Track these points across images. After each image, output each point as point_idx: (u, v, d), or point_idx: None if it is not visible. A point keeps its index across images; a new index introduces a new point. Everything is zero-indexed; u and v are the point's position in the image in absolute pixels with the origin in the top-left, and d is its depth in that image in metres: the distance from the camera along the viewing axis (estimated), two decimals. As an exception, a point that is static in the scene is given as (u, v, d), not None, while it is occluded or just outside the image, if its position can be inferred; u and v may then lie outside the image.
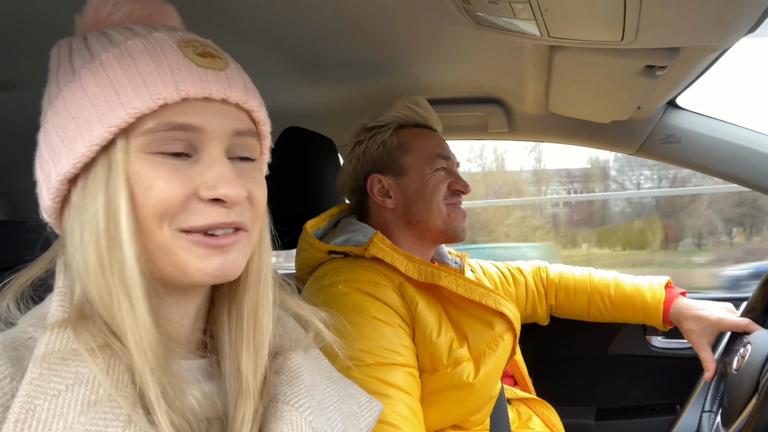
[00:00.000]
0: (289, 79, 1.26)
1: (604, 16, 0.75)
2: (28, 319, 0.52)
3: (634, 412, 1.64)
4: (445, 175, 1.15)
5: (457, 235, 1.14)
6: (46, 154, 0.53)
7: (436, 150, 1.16)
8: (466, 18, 0.90)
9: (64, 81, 0.53)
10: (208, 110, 0.52)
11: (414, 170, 1.14)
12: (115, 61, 0.51)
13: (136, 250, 0.50)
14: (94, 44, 0.53)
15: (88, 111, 0.50)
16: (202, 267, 0.52)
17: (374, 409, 0.69)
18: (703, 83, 1.17)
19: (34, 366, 0.45)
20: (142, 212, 0.50)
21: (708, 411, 1.12)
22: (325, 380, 0.66)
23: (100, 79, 0.50)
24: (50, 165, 0.52)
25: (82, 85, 0.51)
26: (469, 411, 1.03)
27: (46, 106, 0.54)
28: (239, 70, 0.57)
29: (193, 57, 0.52)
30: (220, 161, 0.53)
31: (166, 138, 0.51)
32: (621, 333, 1.65)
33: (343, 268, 1.03)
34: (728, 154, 1.34)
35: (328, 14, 0.94)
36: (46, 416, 0.43)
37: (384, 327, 0.96)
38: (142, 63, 0.50)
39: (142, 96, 0.49)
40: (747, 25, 0.75)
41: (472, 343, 1.01)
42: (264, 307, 0.60)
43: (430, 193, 1.12)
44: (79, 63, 0.52)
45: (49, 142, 0.52)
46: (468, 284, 1.03)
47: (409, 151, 1.16)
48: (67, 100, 0.51)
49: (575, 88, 1.20)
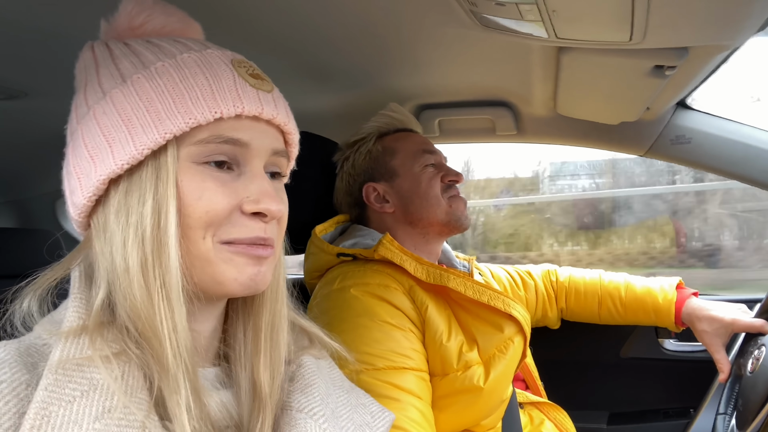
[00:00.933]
0: (297, 83, 1.26)
1: (612, 16, 0.75)
2: (43, 325, 0.52)
3: (648, 416, 1.62)
4: (434, 169, 1.17)
5: (461, 224, 1.15)
6: (85, 152, 0.53)
7: (420, 147, 1.18)
8: (473, 20, 0.89)
9: (110, 83, 0.54)
10: (255, 128, 0.56)
11: (404, 170, 1.16)
12: (172, 72, 0.53)
13: (179, 255, 0.51)
14: (142, 51, 0.55)
15: (143, 116, 0.52)
16: (238, 277, 0.55)
17: (386, 419, 0.69)
18: (714, 83, 1.16)
19: (49, 372, 0.46)
20: (188, 221, 0.52)
21: (723, 414, 1.11)
22: (338, 389, 0.66)
23: (157, 86, 0.52)
24: (90, 163, 0.53)
25: (136, 90, 0.52)
26: (480, 415, 1.02)
27: (83, 104, 0.55)
28: (280, 93, 0.61)
29: (246, 77, 0.56)
30: (262, 177, 0.57)
31: (216, 150, 0.54)
32: (633, 336, 1.64)
33: (353, 272, 1.03)
34: (739, 155, 1.33)
35: (336, 19, 0.94)
36: (61, 423, 0.44)
37: (394, 331, 0.95)
38: (200, 76, 0.53)
39: (201, 108, 0.52)
40: (757, 24, 0.74)
41: (481, 346, 1.01)
42: (280, 321, 0.62)
43: (425, 189, 1.14)
44: (129, 68, 0.54)
45: (91, 139, 0.53)
46: (476, 286, 1.02)
47: (395, 154, 1.18)
48: (116, 102, 0.52)
49: (583, 90, 1.19)
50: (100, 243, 0.53)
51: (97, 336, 0.49)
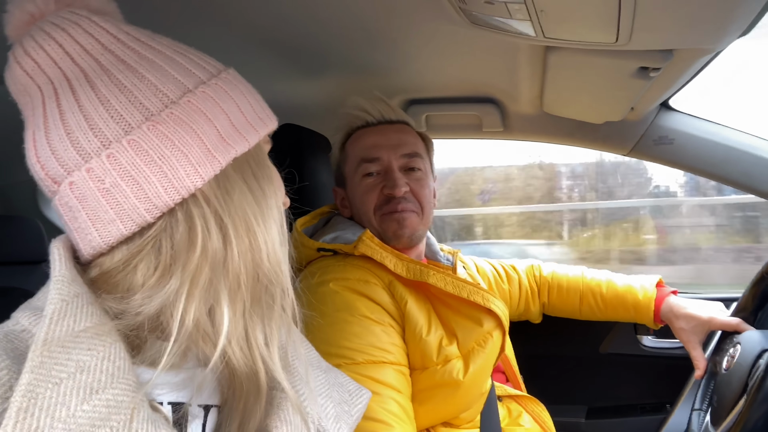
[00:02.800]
0: (285, 75, 1.26)
1: (599, 17, 0.76)
2: (22, 311, 0.51)
3: (625, 410, 1.65)
4: (376, 180, 1.10)
5: (397, 242, 1.10)
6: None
7: (362, 154, 1.11)
8: (462, 17, 0.90)
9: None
10: None
11: (349, 180, 1.15)
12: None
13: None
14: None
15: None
16: None
17: (364, 396, 0.70)
18: (696, 85, 1.18)
19: (34, 354, 0.45)
20: None
21: (698, 409, 1.13)
22: (316, 369, 0.67)
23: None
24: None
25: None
26: (460, 408, 1.03)
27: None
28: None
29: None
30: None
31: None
32: (612, 332, 1.66)
33: (333, 266, 1.03)
34: (720, 156, 1.35)
35: (324, 11, 0.94)
36: (48, 404, 0.43)
37: (374, 325, 0.96)
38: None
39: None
40: (740, 28, 0.76)
41: (461, 340, 1.02)
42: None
43: (360, 205, 1.12)
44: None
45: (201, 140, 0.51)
46: (456, 282, 1.03)
47: (345, 161, 1.16)
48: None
49: (570, 89, 1.21)
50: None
51: (81, 316, 0.49)
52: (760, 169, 1.32)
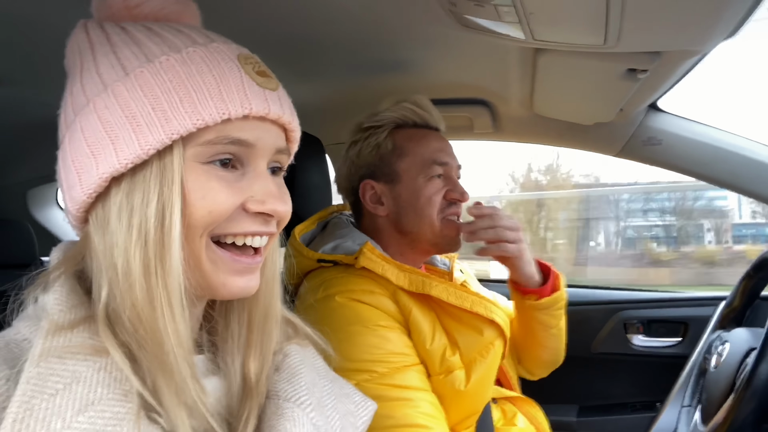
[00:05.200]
0: (278, 77, 1.26)
1: (588, 20, 0.76)
2: (23, 321, 0.51)
3: (616, 409, 1.67)
4: (441, 183, 1.10)
5: (449, 248, 1.12)
6: (86, 146, 0.51)
7: (433, 155, 1.09)
8: (452, 19, 0.90)
9: (110, 74, 0.51)
10: (261, 128, 0.54)
11: (407, 178, 1.09)
12: (177, 68, 0.51)
13: (182, 256, 0.50)
14: (143, 40, 0.52)
15: (148, 114, 0.49)
16: (227, 283, 0.54)
17: (369, 408, 0.70)
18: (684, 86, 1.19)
19: (31, 365, 0.45)
20: (190, 221, 0.51)
21: (687, 407, 1.14)
22: (323, 379, 0.67)
23: (162, 83, 0.50)
24: (91, 159, 0.50)
25: (140, 85, 0.50)
26: (462, 416, 1.03)
27: (81, 94, 0.52)
28: (284, 90, 0.59)
29: (253, 75, 0.54)
30: (266, 176, 0.56)
31: (222, 150, 0.52)
32: (603, 331, 1.68)
33: (336, 279, 1.01)
34: (708, 157, 1.36)
35: (315, 13, 0.95)
36: (44, 415, 0.43)
37: (388, 332, 0.96)
38: (207, 74, 0.51)
39: (209, 108, 0.50)
40: (726, 31, 0.77)
41: (463, 350, 1.01)
42: (273, 316, 0.62)
43: (423, 206, 1.08)
44: (131, 59, 0.51)
45: (92, 134, 0.50)
46: (459, 292, 1.02)
47: (404, 157, 1.10)
48: (119, 97, 0.50)
49: (559, 90, 1.22)
50: (100, 241, 0.51)
51: (79, 329, 0.49)
52: (747, 169, 1.34)
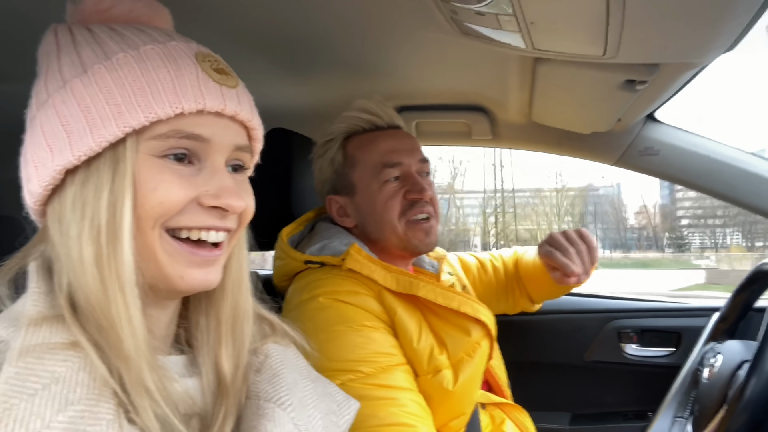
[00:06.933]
0: (275, 79, 1.26)
1: (588, 31, 0.77)
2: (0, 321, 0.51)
3: (608, 418, 1.67)
4: (397, 185, 1.07)
5: (418, 250, 1.10)
6: (43, 140, 0.52)
7: (382, 159, 1.07)
8: (453, 27, 0.91)
9: (70, 71, 0.53)
10: (217, 124, 0.55)
11: (362, 187, 1.09)
12: (133, 64, 0.52)
13: (133, 248, 0.51)
14: (105, 40, 0.54)
15: (102, 108, 0.51)
16: (184, 277, 0.55)
17: (352, 407, 0.70)
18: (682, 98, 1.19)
19: (9, 365, 0.45)
20: (141, 212, 0.52)
21: (680, 417, 1.14)
22: (305, 379, 0.67)
23: (117, 78, 0.51)
24: (47, 152, 0.52)
25: (96, 80, 0.51)
26: (450, 416, 1.03)
27: (44, 91, 0.54)
28: (245, 88, 0.60)
29: (210, 72, 0.55)
30: (223, 172, 0.56)
31: (175, 145, 0.53)
32: (596, 340, 1.68)
33: (322, 280, 1.02)
34: (704, 168, 1.37)
35: (315, 16, 0.94)
36: (23, 415, 0.43)
37: (373, 332, 0.96)
38: (162, 70, 0.52)
39: (162, 103, 0.51)
40: (725, 44, 0.77)
41: (450, 350, 1.02)
42: (244, 313, 0.62)
43: (380, 213, 1.07)
44: (91, 57, 0.53)
45: (50, 128, 0.52)
46: (446, 293, 1.03)
47: (355, 167, 1.09)
48: (76, 92, 0.51)
49: (558, 99, 1.22)
50: (56, 234, 0.52)
51: (57, 328, 0.49)
52: (742, 180, 1.34)
